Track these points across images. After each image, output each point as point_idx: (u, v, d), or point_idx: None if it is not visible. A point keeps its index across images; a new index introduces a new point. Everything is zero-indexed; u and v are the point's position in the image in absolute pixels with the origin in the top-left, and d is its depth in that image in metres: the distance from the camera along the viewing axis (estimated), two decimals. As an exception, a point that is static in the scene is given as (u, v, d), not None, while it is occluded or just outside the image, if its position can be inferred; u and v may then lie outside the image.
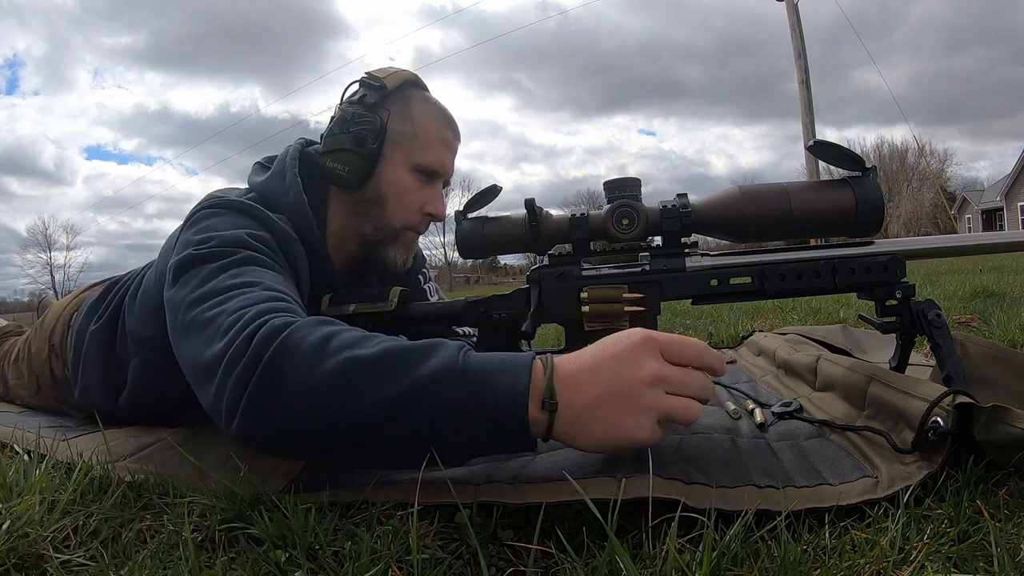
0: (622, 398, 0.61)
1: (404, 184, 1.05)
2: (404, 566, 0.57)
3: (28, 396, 1.38)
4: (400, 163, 1.04)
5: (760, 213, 0.88)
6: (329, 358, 0.59)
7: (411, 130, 1.04)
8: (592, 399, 0.60)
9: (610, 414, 0.61)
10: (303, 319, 0.65)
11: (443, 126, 1.08)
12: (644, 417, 0.61)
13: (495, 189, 0.95)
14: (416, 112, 1.06)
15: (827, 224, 0.88)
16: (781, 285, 0.89)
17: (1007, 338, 1.64)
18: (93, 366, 1.13)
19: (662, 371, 0.62)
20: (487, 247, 0.96)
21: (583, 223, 0.91)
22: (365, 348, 0.60)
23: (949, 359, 0.83)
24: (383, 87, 1.03)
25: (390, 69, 1.07)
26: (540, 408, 0.60)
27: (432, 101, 1.09)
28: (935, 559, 0.54)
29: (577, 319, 0.92)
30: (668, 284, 0.91)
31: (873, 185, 0.88)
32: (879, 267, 0.88)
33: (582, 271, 0.93)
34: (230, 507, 0.68)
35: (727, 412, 0.99)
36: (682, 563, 0.53)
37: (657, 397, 0.62)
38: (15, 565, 0.61)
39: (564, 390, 0.60)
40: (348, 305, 1.01)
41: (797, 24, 10.85)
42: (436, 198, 1.09)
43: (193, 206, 0.96)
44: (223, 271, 0.76)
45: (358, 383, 0.58)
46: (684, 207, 0.89)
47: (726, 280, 0.91)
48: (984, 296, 2.67)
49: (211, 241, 0.82)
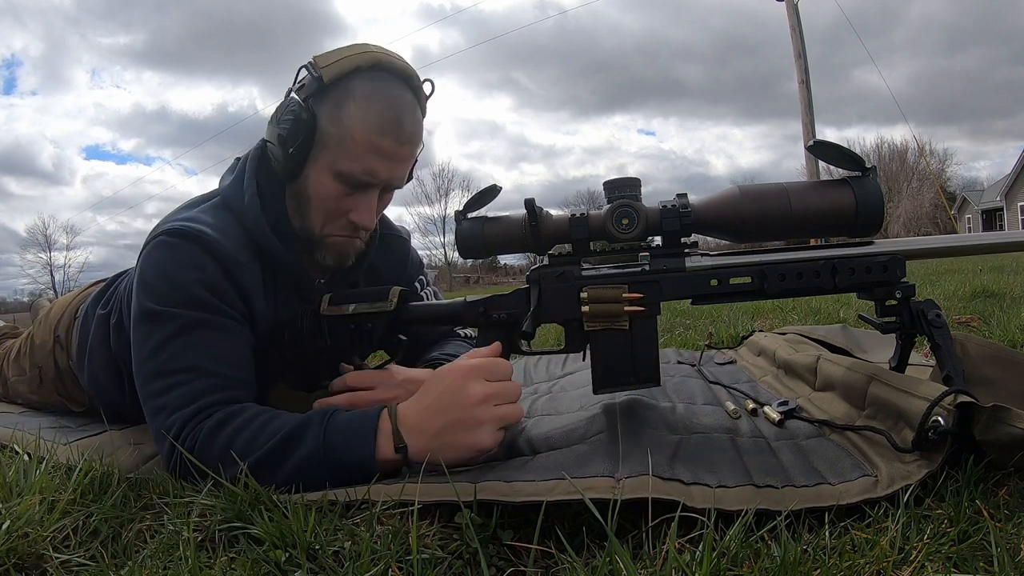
0: (460, 422, 0.78)
1: (326, 190, 0.96)
2: (404, 566, 0.57)
3: (29, 392, 1.38)
4: (324, 167, 0.95)
5: (760, 213, 0.88)
6: (230, 467, 0.77)
7: (337, 134, 0.93)
8: (436, 431, 0.78)
9: (454, 437, 0.78)
10: (212, 421, 0.82)
11: (378, 132, 0.93)
12: (482, 430, 0.79)
13: (495, 189, 0.94)
14: (348, 113, 0.93)
15: (827, 224, 0.88)
16: (781, 285, 0.89)
17: (1007, 338, 1.63)
18: (99, 351, 1.15)
19: (488, 390, 0.80)
20: (487, 247, 0.95)
21: (583, 223, 0.91)
22: (253, 453, 0.78)
23: (949, 359, 0.83)
24: (319, 79, 0.92)
25: (342, 52, 0.94)
26: (395, 451, 0.77)
27: (377, 96, 0.94)
28: (935, 559, 0.54)
29: (577, 319, 0.92)
30: (668, 284, 0.91)
31: (873, 185, 0.88)
32: (879, 267, 0.88)
33: (582, 271, 0.93)
34: (230, 507, 0.68)
35: (727, 412, 0.99)
36: (682, 563, 0.53)
37: (488, 411, 0.79)
38: (15, 565, 0.61)
39: (409, 433, 0.78)
40: (348, 305, 1.01)
41: (797, 24, 10.85)
42: (364, 208, 0.98)
43: (162, 219, 1.00)
44: (170, 341, 0.88)
45: (255, 473, 0.75)
46: (684, 207, 0.89)
47: (726, 280, 0.91)
48: (984, 296, 2.67)
49: (163, 296, 0.90)
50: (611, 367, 0.92)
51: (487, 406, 0.79)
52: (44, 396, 1.36)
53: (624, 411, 0.93)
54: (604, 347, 0.92)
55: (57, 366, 1.31)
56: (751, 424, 0.93)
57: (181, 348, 0.88)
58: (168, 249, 0.92)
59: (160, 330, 0.89)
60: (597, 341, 0.92)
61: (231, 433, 0.81)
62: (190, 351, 0.88)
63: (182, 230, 0.93)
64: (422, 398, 0.81)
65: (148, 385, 0.88)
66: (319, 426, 0.78)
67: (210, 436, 0.81)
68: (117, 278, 1.23)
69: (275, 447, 0.78)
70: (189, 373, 0.86)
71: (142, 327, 0.91)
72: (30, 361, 1.37)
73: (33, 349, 1.36)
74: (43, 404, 1.37)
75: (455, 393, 0.79)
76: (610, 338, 0.91)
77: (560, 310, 0.93)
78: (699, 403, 1.07)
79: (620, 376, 0.92)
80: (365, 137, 0.93)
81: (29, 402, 1.40)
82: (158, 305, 0.90)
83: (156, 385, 0.87)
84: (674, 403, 1.05)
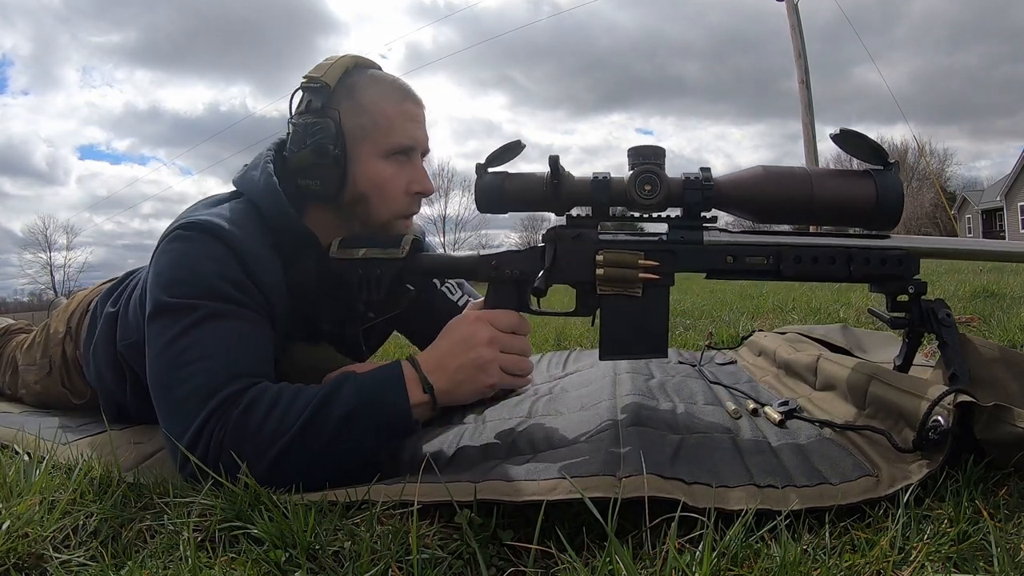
0: (471, 361, 0.87)
1: (382, 175, 1.00)
2: (404, 566, 0.57)
3: (35, 381, 1.41)
4: (370, 155, 1.00)
5: (782, 194, 0.87)
6: (268, 448, 0.78)
7: (369, 120, 0.99)
8: (453, 369, 0.87)
9: (467, 374, 0.87)
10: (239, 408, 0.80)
11: (400, 100, 1.02)
12: (490, 368, 0.88)
13: (518, 145, 0.94)
14: (367, 99, 1.00)
15: (846, 213, 0.88)
16: (796, 268, 0.89)
17: (1007, 338, 1.63)
18: (105, 348, 1.16)
19: (493, 335, 0.89)
20: (506, 202, 0.94)
21: (605, 185, 0.90)
22: (292, 426, 0.79)
23: (956, 358, 0.83)
24: (325, 86, 0.98)
25: (327, 64, 1.00)
26: (422, 392, 0.84)
27: (380, 78, 1.03)
28: (935, 559, 0.54)
29: (590, 281, 0.91)
30: (684, 255, 0.91)
31: (894, 179, 0.88)
32: (894, 260, 0.88)
33: (599, 235, 0.93)
34: (230, 507, 0.68)
35: (728, 412, 0.99)
36: (682, 563, 0.53)
37: (494, 353, 0.88)
38: (15, 565, 0.61)
39: (430, 374, 0.85)
40: (359, 249, 0.99)
41: (797, 24, 10.84)
42: (419, 175, 1.04)
43: (175, 218, 0.99)
44: (186, 333, 0.86)
45: (298, 443, 0.79)
46: (707, 180, 0.89)
47: (742, 257, 0.90)
48: (984, 296, 2.66)
49: (182, 286, 0.88)
50: (620, 334, 0.92)
51: (492, 349, 0.88)
52: (49, 386, 1.38)
53: (625, 411, 0.93)
54: (615, 313, 0.92)
55: (65, 355, 1.34)
56: (752, 424, 0.93)
57: (198, 338, 0.86)
58: (184, 242, 0.91)
59: (176, 323, 0.87)
60: (608, 306, 0.92)
61: (261, 415, 0.79)
62: (208, 341, 0.86)
63: (198, 223, 0.92)
64: (438, 344, 0.90)
65: (165, 378, 0.85)
66: (351, 385, 0.82)
67: (240, 422, 0.79)
68: (128, 276, 1.25)
69: (312, 415, 0.79)
70: (206, 362, 0.84)
71: (157, 322, 0.89)
72: (42, 351, 1.40)
73: (48, 338, 1.39)
74: (47, 395, 1.40)
75: (466, 339, 0.88)
76: (622, 304, 0.91)
77: (574, 271, 0.93)
78: (700, 403, 1.07)
79: (628, 344, 0.92)
80: (395, 108, 1.01)
81: (33, 393, 1.43)
82: (174, 297, 0.88)
83: (174, 377, 0.84)
84: (675, 403, 1.05)
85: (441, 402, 0.85)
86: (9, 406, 1.45)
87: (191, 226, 0.92)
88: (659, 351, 0.92)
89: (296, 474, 0.76)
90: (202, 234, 0.91)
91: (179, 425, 0.81)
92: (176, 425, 0.81)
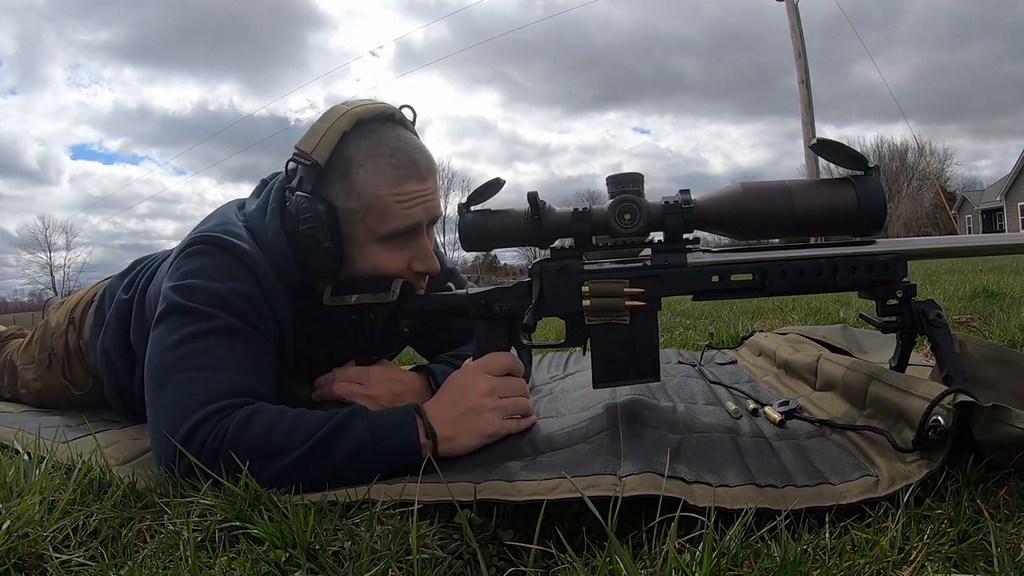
0: (472, 412, 0.88)
1: (379, 259, 0.97)
2: (404, 566, 0.57)
3: (34, 378, 1.42)
4: (366, 240, 0.96)
5: (762, 210, 0.88)
6: (266, 462, 0.78)
7: (362, 205, 0.93)
8: (454, 419, 0.87)
9: (469, 425, 0.87)
10: (238, 417, 0.80)
11: (397, 180, 0.94)
12: (490, 416, 0.89)
13: (498, 182, 0.95)
14: (361, 181, 0.93)
15: (829, 222, 0.88)
16: (782, 282, 0.90)
17: (1007, 338, 1.64)
18: (115, 334, 1.16)
19: (491, 384, 0.90)
20: (490, 240, 0.95)
21: (585, 217, 0.91)
22: (295, 448, 0.79)
23: (949, 359, 0.83)
24: (315, 165, 0.92)
25: (319, 128, 0.93)
26: (426, 436, 0.84)
27: (380, 149, 0.94)
28: (935, 559, 0.54)
29: (578, 312, 0.92)
30: (669, 279, 0.92)
31: (875, 184, 0.88)
32: (880, 266, 0.88)
33: (583, 265, 0.94)
34: (230, 507, 0.68)
35: (728, 412, 0.99)
36: (682, 563, 0.53)
37: (495, 402, 0.90)
38: (15, 565, 0.61)
39: (436, 422, 0.85)
40: (351, 295, 1.00)
41: (797, 23, 10.83)
42: (422, 254, 1.00)
43: (196, 225, 0.99)
44: (198, 338, 0.86)
45: (301, 466, 0.79)
46: (686, 203, 0.90)
47: (727, 276, 0.91)
48: (984, 296, 2.67)
49: (203, 294, 0.88)
50: (611, 361, 0.93)
51: (492, 398, 0.90)
52: (49, 380, 1.39)
53: (625, 411, 0.93)
54: (605, 341, 0.93)
55: (67, 346, 1.35)
56: (752, 424, 0.93)
57: (209, 347, 0.85)
58: (211, 257, 0.92)
59: (189, 326, 0.86)
60: (598, 335, 0.93)
61: (263, 429, 0.79)
62: (218, 352, 0.86)
63: (230, 245, 0.92)
64: (441, 395, 0.92)
65: (166, 373, 0.85)
66: (362, 420, 0.83)
67: (239, 431, 0.79)
68: (136, 263, 1.26)
69: (321, 441, 0.79)
70: (213, 371, 0.84)
71: (169, 319, 0.88)
72: (40, 346, 1.41)
73: (46, 333, 1.40)
74: (47, 390, 1.40)
75: (465, 390, 0.90)
76: (611, 332, 0.92)
77: (561, 303, 0.94)
78: (700, 403, 1.07)
79: (620, 370, 0.93)
80: (391, 191, 0.94)
81: (33, 391, 1.44)
82: (192, 303, 0.88)
83: (176, 375, 0.84)
84: (675, 403, 1.05)
85: (442, 450, 0.84)
86: (9, 406, 1.45)
87: (219, 242, 0.93)
88: (651, 376, 0.94)
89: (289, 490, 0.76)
90: (231, 256, 0.92)
91: (171, 422, 0.80)
92: (168, 421, 0.81)
